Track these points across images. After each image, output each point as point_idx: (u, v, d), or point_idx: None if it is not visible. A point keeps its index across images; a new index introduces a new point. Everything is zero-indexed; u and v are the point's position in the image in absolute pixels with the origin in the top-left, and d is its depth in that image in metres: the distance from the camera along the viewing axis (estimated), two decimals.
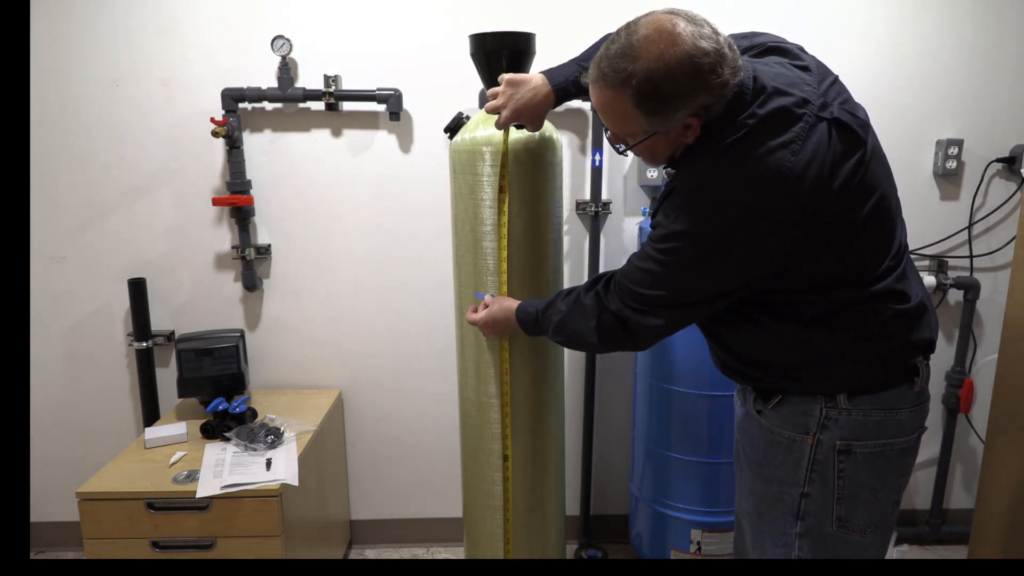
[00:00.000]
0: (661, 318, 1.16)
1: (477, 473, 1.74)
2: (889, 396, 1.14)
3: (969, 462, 2.36)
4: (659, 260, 1.12)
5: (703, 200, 1.07)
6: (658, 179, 2.05)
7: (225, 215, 2.11)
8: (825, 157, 1.04)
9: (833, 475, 1.15)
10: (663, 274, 1.12)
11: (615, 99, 1.06)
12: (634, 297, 1.17)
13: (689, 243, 1.09)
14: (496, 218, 1.57)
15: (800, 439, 1.16)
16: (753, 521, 1.27)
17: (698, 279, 1.11)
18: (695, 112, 1.05)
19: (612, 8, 2.00)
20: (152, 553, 1.67)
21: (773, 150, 1.02)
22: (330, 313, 2.19)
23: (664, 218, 1.12)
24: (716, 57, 1.00)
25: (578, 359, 2.24)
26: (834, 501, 1.15)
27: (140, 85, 2.01)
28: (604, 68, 1.05)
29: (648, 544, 2.08)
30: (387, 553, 2.35)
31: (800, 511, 1.17)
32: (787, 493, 1.18)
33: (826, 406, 1.14)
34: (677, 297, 1.14)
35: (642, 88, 1.01)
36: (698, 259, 1.09)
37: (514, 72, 1.58)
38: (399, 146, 2.09)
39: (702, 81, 1.00)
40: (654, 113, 1.05)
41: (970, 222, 2.17)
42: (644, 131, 1.09)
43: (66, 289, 2.14)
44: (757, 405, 1.23)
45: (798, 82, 1.08)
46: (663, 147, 1.13)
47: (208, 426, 1.87)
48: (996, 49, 2.05)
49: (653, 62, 1.00)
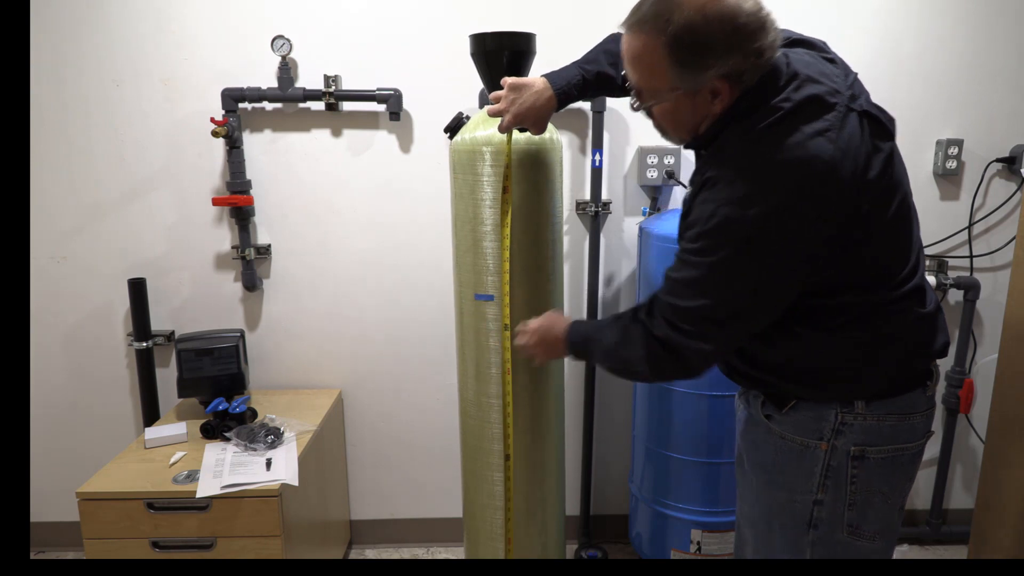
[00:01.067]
0: (709, 340, 1.08)
1: (477, 473, 1.74)
2: (904, 400, 1.12)
3: (969, 462, 2.36)
4: (696, 263, 1.05)
5: (741, 187, 1.00)
6: (658, 179, 2.05)
7: (225, 215, 2.11)
8: (859, 148, 1.01)
9: (846, 481, 1.12)
10: (702, 278, 1.05)
11: (647, 46, 1.02)
12: (678, 314, 1.08)
13: (729, 236, 1.01)
14: (497, 218, 1.57)
15: (814, 445, 1.12)
16: (760, 529, 1.23)
17: (740, 278, 1.03)
18: (727, 74, 1.01)
19: (612, 8, 2.00)
20: (152, 553, 1.67)
21: (810, 136, 0.99)
22: (330, 313, 2.19)
23: (699, 214, 1.05)
24: (757, 23, 0.98)
25: None
26: (846, 507, 1.13)
27: (140, 85, 2.01)
28: (644, 11, 1.02)
29: (648, 544, 2.08)
30: (387, 553, 2.35)
31: (813, 519, 1.14)
32: (799, 501, 1.15)
33: (842, 411, 1.11)
34: (721, 305, 1.06)
35: (679, 35, 0.98)
36: (739, 254, 1.01)
37: (515, 72, 1.58)
38: (399, 146, 2.09)
39: (740, 42, 0.98)
40: (685, 65, 1.01)
41: (970, 222, 2.17)
42: (671, 86, 1.05)
43: (66, 289, 2.14)
44: (766, 410, 1.18)
45: (828, 73, 1.07)
46: (687, 112, 1.08)
47: (208, 426, 1.87)
48: (996, 49, 2.05)
49: (694, 12, 0.97)
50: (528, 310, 1.63)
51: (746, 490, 1.28)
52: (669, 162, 2.04)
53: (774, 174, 1.00)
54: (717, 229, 1.02)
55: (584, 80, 1.41)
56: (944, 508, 2.35)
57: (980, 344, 2.26)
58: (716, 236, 1.02)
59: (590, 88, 1.43)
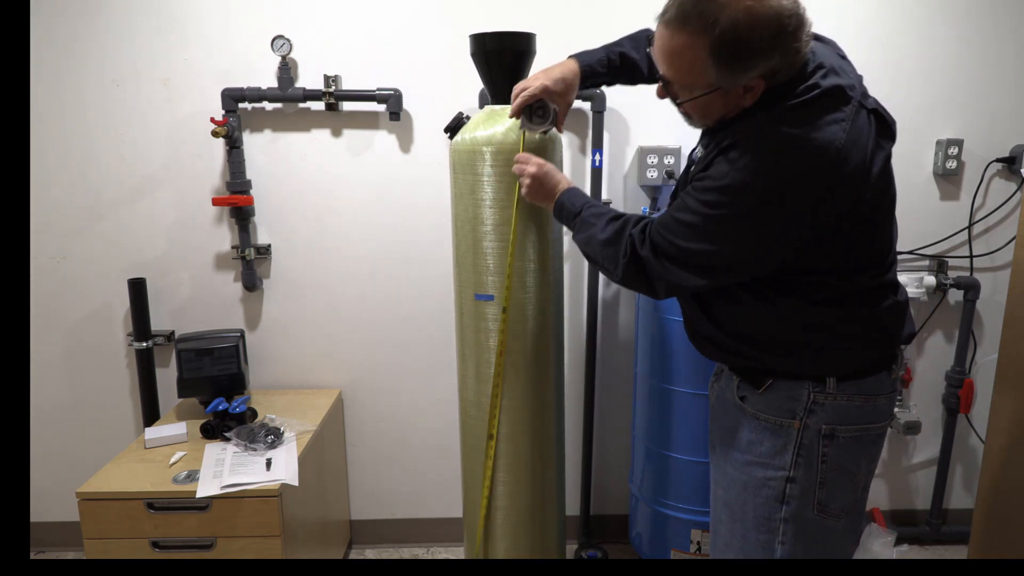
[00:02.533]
0: (683, 278, 1.14)
1: (477, 473, 1.74)
2: (871, 382, 1.18)
3: (969, 462, 2.36)
4: (703, 214, 1.09)
5: (759, 157, 1.04)
6: (658, 179, 2.05)
7: (225, 215, 2.11)
8: (867, 143, 1.06)
9: (817, 459, 1.17)
10: (700, 226, 1.09)
11: (689, 45, 1.02)
12: (665, 247, 1.14)
13: (738, 198, 1.05)
14: (497, 218, 1.57)
15: (787, 424, 1.18)
16: (734, 509, 1.27)
17: (733, 240, 1.08)
18: (765, 73, 1.03)
19: (612, 8, 2.00)
20: (152, 553, 1.67)
21: (828, 123, 1.03)
22: (330, 313, 2.19)
23: (715, 171, 1.08)
24: (797, 21, 0.99)
25: (578, 358, 2.24)
26: (816, 485, 1.18)
27: (140, 85, 2.01)
28: (687, 8, 1.01)
29: (648, 544, 2.08)
30: (387, 553, 2.35)
31: (785, 496, 1.19)
32: (772, 478, 1.20)
33: (814, 391, 1.16)
34: (707, 255, 1.11)
35: (724, 38, 0.99)
36: (739, 218, 1.06)
37: (515, 72, 1.59)
38: (399, 146, 2.09)
39: (783, 42, 0.99)
40: (728, 67, 1.02)
41: (970, 222, 2.17)
42: (708, 84, 1.06)
43: (66, 289, 2.14)
44: (741, 391, 1.24)
45: (846, 68, 1.12)
46: (719, 106, 1.11)
47: (208, 426, 1.87)
48: (996, 49, 2.05)
49: (741, 13, 0.97)
50: (527, 310, 1.63)
51: (720, 474, 1.32)
52: (669, 162, 2.04)
53: (790, 152, 1.03)
54: (727, 189, 1.06)
55: (608, 59, 1.44)
56: (944, 508, 2.35)
57: (980, 344, 2.26)
58: (724, 195, 1.06)
59: (614, 69, 1.45)
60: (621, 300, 2.23)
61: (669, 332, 1.89)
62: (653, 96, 1.21)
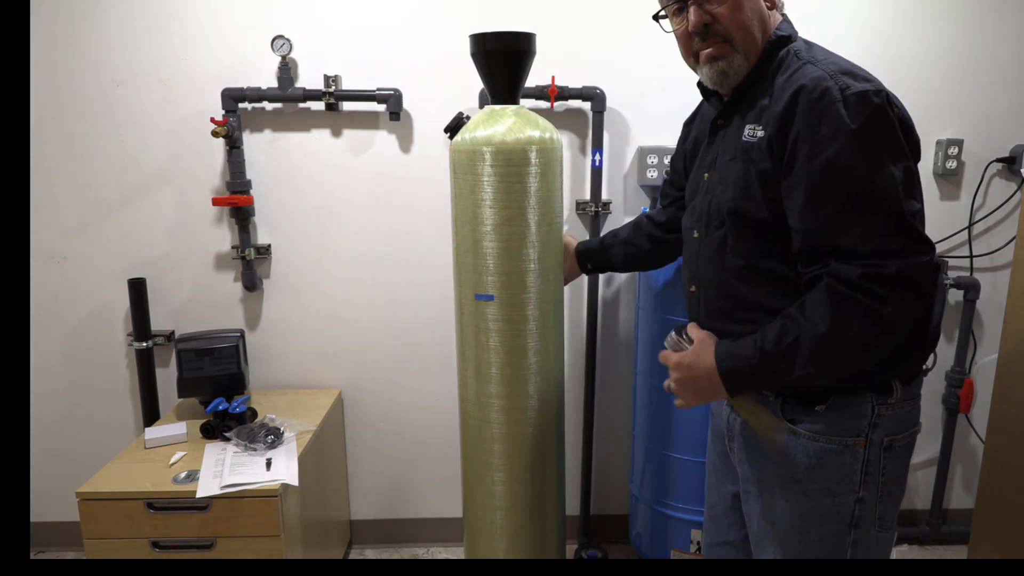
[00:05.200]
0: (918, 242, 0.98)
1: (477, 473, 1.74)
2: (917, 384, 1.14)
3: (969, 462, 2.36)
4: (851, 175, 0.98)
5: (845, 80, 1.01)
6: (658, 179, 2.05)
7: (225, 215, 2.11)
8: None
9: (878, 474, 1.11)
10: (870, 184, 0.98)
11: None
12: (870, 237, 0.98)
13: (871, 125, 0.99)
14: (497, 218, 1.57)
15: (852, 442, 1.09)
16: (790, 545, 1.15)
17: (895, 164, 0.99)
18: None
19: (612, 8, 2.00)
20: (152, 553, 1.67)
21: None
22: (330, 313, 2.19)
23: (814, 131, 1.00)
24: None
25: (578, 359, 2.24)
26: (878, 500, 1.12)
27: (140, 85, 2.01)
28: None
29: (648, 544, 2.08)
30: (387, 553, 2.35)
31: (855, 518, 1.11)
32: (841, 503, 1.11)
33: (877, 403, 1.09)
34: (901, 202, 0.98)
35: None
36: (885, 144, 0.99)
37: (515, 72, 1.59)
38: (399, 146, 2.09)
39: None
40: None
41: (970, 222, 2.17)
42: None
43: (66, 289, 2.14)
44: (791, 414, 1.13)
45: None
46: (748, 9, 1.12)
47: (208, 426, 1.87)
48: (995, 49, 2.05)
49: None
50: (527, 310, 1.63)
51: (765, 508, 1.18)
52: (669, 162, 2.03)
53: (857, 73, 1.04)
54: (860, 128, 0.98)
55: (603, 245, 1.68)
56: (944, 508, 2.35)
57: (980, 344, 2.26)
58: (861, 137, 0.98)
59: (614, 254, 1.67)
60: (621, 300, 2.23)
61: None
62: (653, 96, 1.22)
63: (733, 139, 1.16)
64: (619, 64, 2.02)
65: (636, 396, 2.10)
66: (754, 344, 1.05)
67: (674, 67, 2.03)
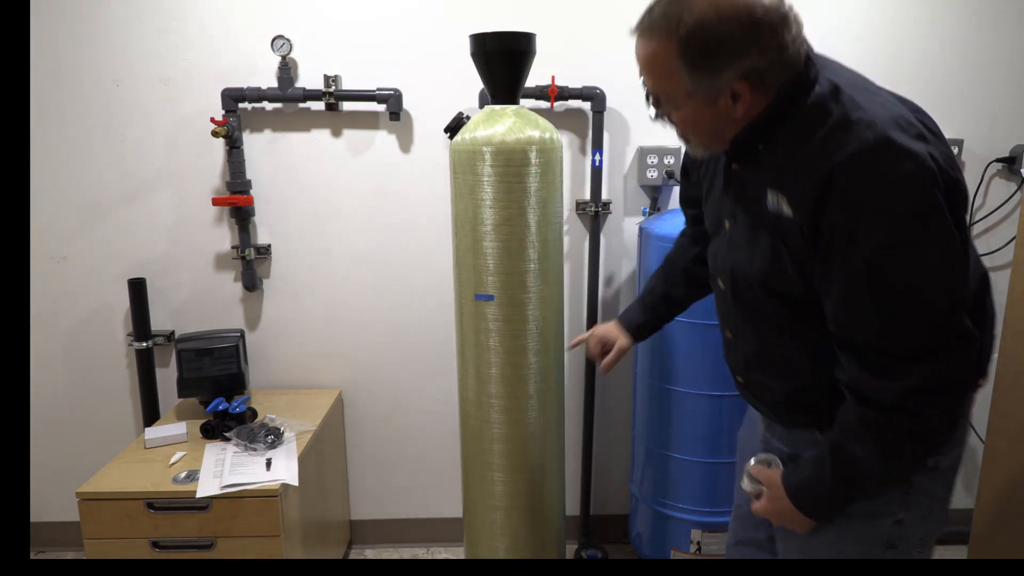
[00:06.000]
0: (960, 332, 0.92)
1: (477, 473, 1.74)
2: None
3: (969, 462, 2.36)
4: (892, 272, 0.89)
5: (881, 179, 0.88)
6: (658, 179, 2.05)
7: (225, 215, 2.11)
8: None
9: (922, 495, 1.07)
10: (916, 278, 0.90)
11: (659, 50, 0.95)
12: (917, 345, 0.91)
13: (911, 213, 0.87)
14: (497, 218, 1.57)
15: None
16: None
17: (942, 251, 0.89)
18: (745, 74, 0.93)
19: (612, 8, 2.00)
20: (152, 553, 1.67)
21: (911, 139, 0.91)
22: (330, 313, 2.19)
23: (860, 226, 0.89)
24: (778, 17, 0.91)
25: (578, 358, 2.24)
26: (919, 522, 1.08)
27: (140, 85, 2.01)
28: (655, 14, 0.95)
29: (648, 544, 2.08)
30: (387, 553, 2.35)
31: (892, 539, 1.07)
32: (880, 524, 1.07)
33: None
34: (942, 295, 0.90)
35: (690, 37, 0.91)
36: (927, 230, 0.88)
37: (515, 72, 1.59)
38: (399, 146, 2.09)
39: (757, 38, 0.90)
40: (699, 67, 0.94)
41: (970, 222, 2.17)
42: (687, 92, 0.97)
43: (66, 289, 2.14)
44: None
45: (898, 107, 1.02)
46: (708, 119, 1.00)
47: (208, 426, 1.87)
48: (996, 49, 2.05)
49: (707, 9, 0.91)
50: (527, 310, 1.63)
51: (787, 534, 1.15)
52: (669, 162, 2.04)
53: (898, 148, 0.88)
54: (903, 220, 0.88)
55: (652, 314, 1.50)
56: None
57: None
58: (904, 230, 0.88)
59: (662, 316, 1.50)
60: (621, 300, 2.23)
61: (669, 332, 1.89)
62: None
63: (755, 199, 1.04)
64: (619, 64, 2.02)
65: (636, 396, 2.10)
66: (819, 483, 1.04)
67: None
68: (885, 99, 0.95)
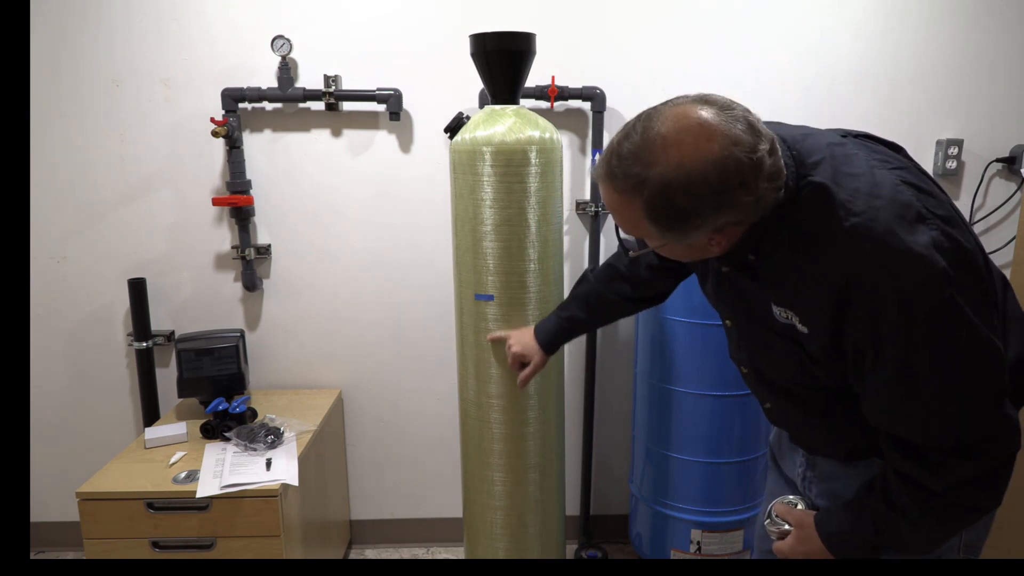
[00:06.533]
0: (1001, 420, 0.90)
1: (477, 473, 1.74)
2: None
3: None
4: (923, 375, 0.87)
5: (897, 289, 0.84)
6: None
7: (225, 215, 2.11)
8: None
9: None
10: (946, 381, 0.87)
11: (624, 203, 0.88)
12: (956, 443, 0.89)
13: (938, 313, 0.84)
14: (497, 218, 1.57)
15: None
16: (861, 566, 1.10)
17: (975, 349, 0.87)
18: (719, 228, 0.88)
19: (612, 8, 2.00)
20: (152, 553, 1.67)
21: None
22: (330, 313, 2.19)
23: (883, 340, 0.87)
24: (750, 166, 0.81)
25: (578, 358, 2.24)
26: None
27: (140, 85, 2.01)
28: (614, 167, 0.86)
29: (648, 544, 2.08)
30: (387, 553, 2.35)
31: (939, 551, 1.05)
32: None
33: None
34: (980, 388, 0.88)
35: (655, 201, 0.83)
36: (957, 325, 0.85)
37: (515, 72, 1.59)
38: (399, 146, 2.09)
39: (729, 198, 0.83)
40: (669, 229, 0.87)
41: (970, 222, 2.17)
42: (658, 241, 0.92)
43: (66, 289, 2.14)
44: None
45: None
46: (684, 253, 0.97)
47: (208, 426, 1.87)
48: (996, 49, 2.05)
49: (672, 171, 0.81)
50: (527, 310, 1.63)
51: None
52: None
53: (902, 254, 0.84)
54: (928, 329, 0.85)
55: (567, 336, 1.54)
56: None
57: None
58: (930, 338, 0.85)
59: (573, 333, 1.54)
60: None
61: (669, 332, 1.89)
62: (653, 96, 1.19)
63: (759, 308, 1.01)
64: (619, 64, 2.03)
65: (636, 396, 2.10)
66: (857, 533, 1.01)
67: (674, 67, 2.04)
68: (873, 180, 0.88)
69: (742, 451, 1.90)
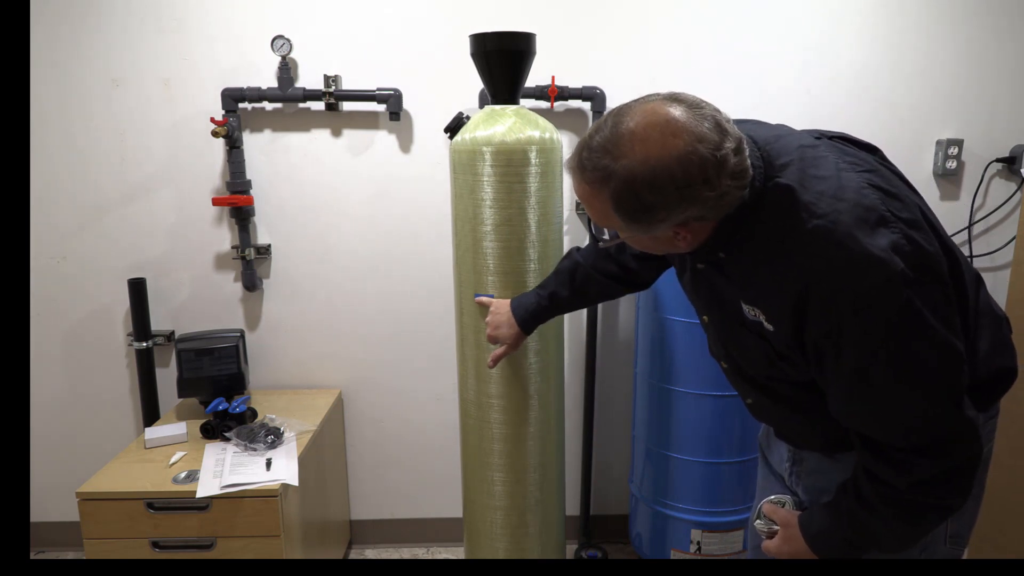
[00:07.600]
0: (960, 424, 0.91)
1: (477, 473, 1.75)
2: (995, 408, 1.09)
3: None
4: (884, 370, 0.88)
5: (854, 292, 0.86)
6: None
7: (225, 215, 2.11)
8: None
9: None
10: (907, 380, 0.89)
11: (592, 194, 0.91)
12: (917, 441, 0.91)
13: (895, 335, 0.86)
14: (497, 218, 1.57)
15: None
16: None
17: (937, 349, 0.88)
18: (683, 222, 0.90)
19: (612, 9, 2.00)
20: (152, 553, 1.67)
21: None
22: (330, 313, 2.19)
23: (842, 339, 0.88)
24: (714, 166, 0.84)
25: (578, 358, 2.24)
26: (952, 517, 1.05)
27: (140, 85, 2.01)
28: (584, 159, 0.90)
29: (648, 544, 2.08)
30: (387, 553, 2.35)
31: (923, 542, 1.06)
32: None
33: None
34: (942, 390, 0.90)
35: (621, 193, 0.86)
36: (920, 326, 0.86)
37: (515, 72, 1.59)
38: (399, 146, 2.09)
39: (692, 193, 0.85)
40: (634, 220, 0.90)
41: (970, 222, 2.17)
42: (626, 230, 0.95)
43: (66, 289, 2.14)
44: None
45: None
46: (649, 245, 1.01)
47: (208, 426, 1.87)
48: (996, 49, 2.05)
49: (638, 164, 0.84)
50: None
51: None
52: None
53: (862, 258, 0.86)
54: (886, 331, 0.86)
55: (547, 314, 1.49)
56: None
57: None
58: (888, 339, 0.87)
59: (552, 311, 1.49)
60: (621, 300, 2.23)
61: (669, 332, 1.89)
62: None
63: (731, 304, 1.04)
64: (619, 64, 2.03)
65: (636, 396, 2.10)
66: (838, 534, 1.03)
67: (673, 67, 2.04)
68: (839, 183, 0.90)
69: (742, 451, 1.90)
